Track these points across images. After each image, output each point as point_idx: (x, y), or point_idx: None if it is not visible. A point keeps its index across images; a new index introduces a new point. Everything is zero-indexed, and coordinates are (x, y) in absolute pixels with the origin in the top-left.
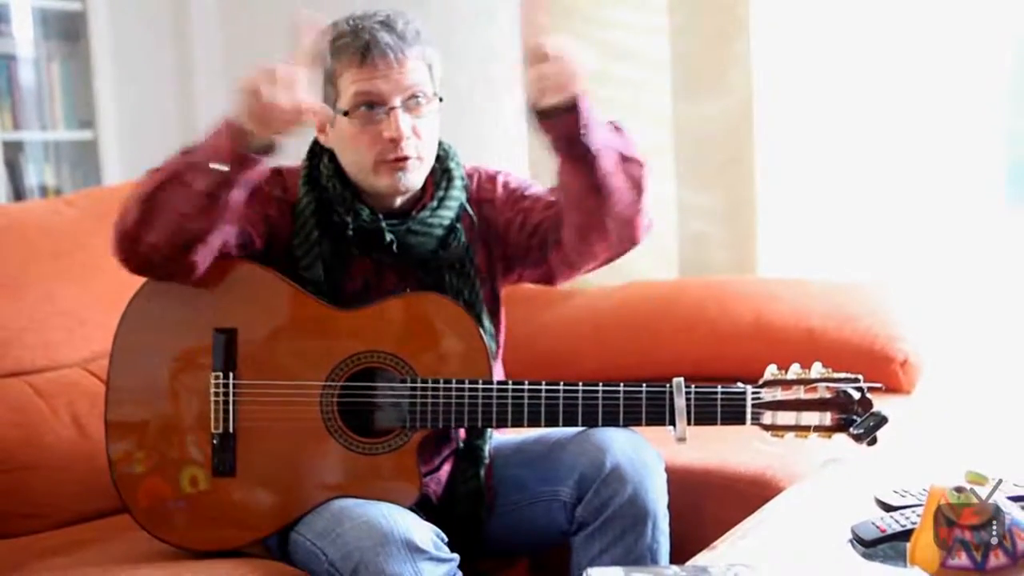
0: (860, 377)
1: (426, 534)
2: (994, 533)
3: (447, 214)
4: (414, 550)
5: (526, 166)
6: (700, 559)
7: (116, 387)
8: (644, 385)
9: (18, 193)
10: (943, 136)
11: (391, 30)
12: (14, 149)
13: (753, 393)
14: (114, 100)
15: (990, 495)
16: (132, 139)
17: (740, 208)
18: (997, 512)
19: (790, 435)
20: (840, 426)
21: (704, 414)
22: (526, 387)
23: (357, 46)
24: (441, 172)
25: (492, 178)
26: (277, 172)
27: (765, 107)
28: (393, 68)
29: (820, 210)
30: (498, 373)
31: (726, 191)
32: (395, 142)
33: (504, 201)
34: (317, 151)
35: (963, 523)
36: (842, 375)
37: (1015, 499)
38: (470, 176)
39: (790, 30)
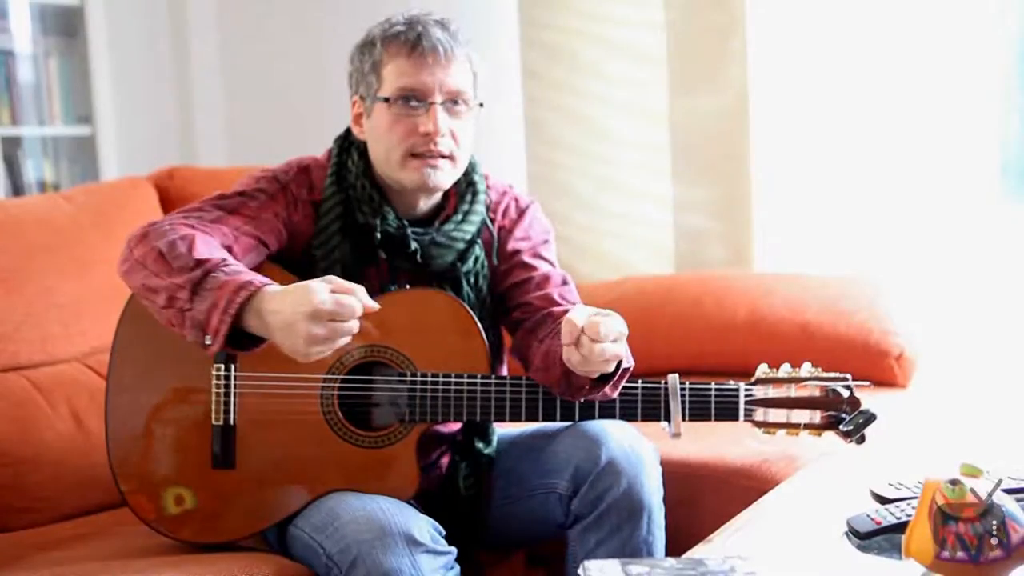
0: (848, 376)
1: (424, 527)
2: (989, 526)
3: (470, 228)
4: (412, 543)
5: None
6: (696, 551)
7: (116, 384)
8: (640, 381)
9: (16, 189)
10: (937, 132)
11: (445, 29)
12: (12, 145)
13: (746, 391)
14: (112, 96)
15: (991, 493)
16: (130, 134)
17: (736, 203)
18: (992, 505)
19: (781, 432)
20: (829, 424)
21: (698, 411)
22: (524, 382)
23: (410, 36)
24: (466, 185)
25: (521, 212)
26: (304, 169)
27: (760, 103)
28: (440, 64)
29: (815, 205)
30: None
31: (722, 186)
32: (429, 137)
33: (519, 249)
34: (346, 145)
35: (958, 515)
36: (831, 374)
37: (1010, 491)
38: (501, 195)
39: (785, 26)
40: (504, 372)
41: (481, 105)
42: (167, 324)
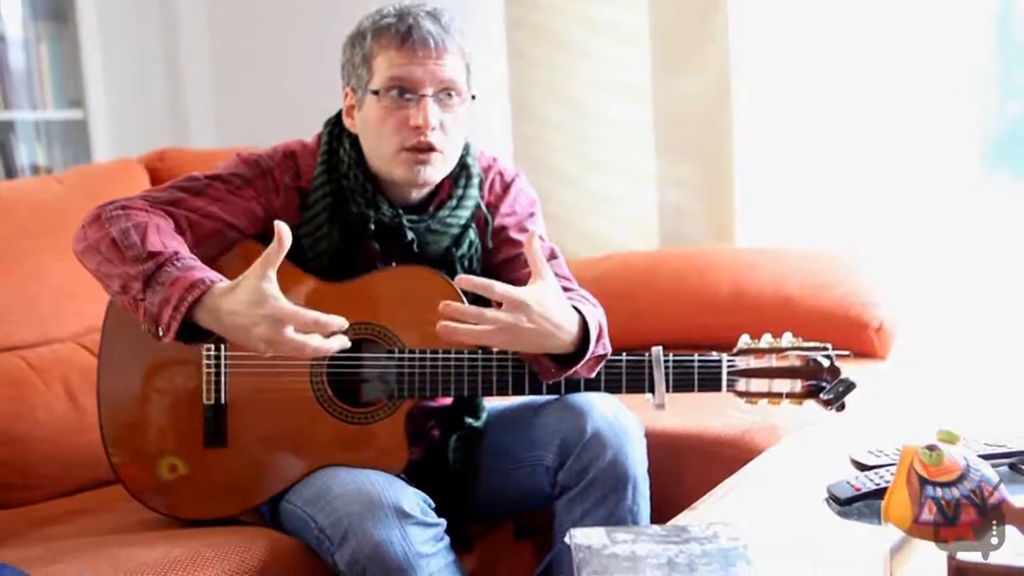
0: (829, 345)
1: (414, 500)
2: (965, 489)
3: (464, 213)
4: (402, 516)
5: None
6: (680, 519)
7: (106, 361)
8: (624, 354)
9: (10, 172)
10: (917, 109)
11: (436, 21)
12: (5, 129)
13: (728, 361)
14: (102, 79)
15: (996, 487)
16: (121, 118)
17: (718, 180)
18: (967, 469)
19: (763, 401)
20: (810, 392)
21: (682, 382)
22: (510, 356)
23: (400, 28)
24: (460, 168)
25: (506, 187)
26: (290, 155)
27: (742, 80)
28: (431, 57)
29: (797, 181)
30: None
31: (705, 163)
32: (420, 130)
33: (505, 226)
34: (337, 133)
35: (935, 480)
36: (811, 343)
37: (986, 457)
38: (486, 170)
39: (767, 4)
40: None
41: (473, 97)
42: (123, 308)
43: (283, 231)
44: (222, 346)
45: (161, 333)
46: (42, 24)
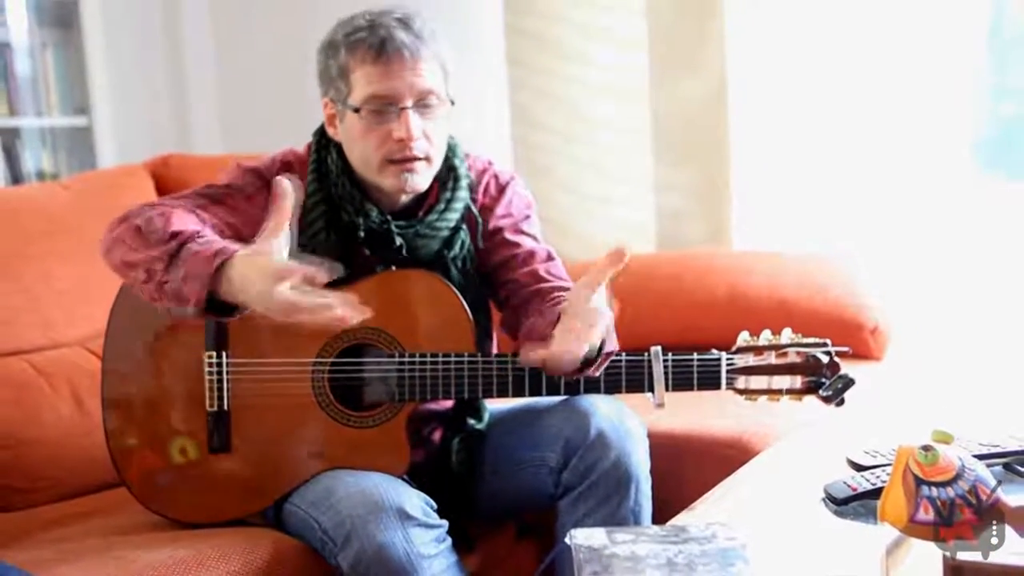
0: (828, 341)
1: (416, 502)
2: (960, 489)
3: (453, 216)
4: (404, 517)
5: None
6: (679, 519)
7: (111, 364)
8: (624, 354)
9: (16, 179)
10: (910, 111)
11: (408, 28)
12: (11, 136)
13: (727, 359)
14: (107, 86)
15: (994, 490)
16: (126, 124)
17: (715, 183)
18: (962, 469)
19: (763, 398)
20: (810, 389)
21: (681, 380)
22: (510, 358)
23: (372, 42)
24: (447, 171)
25: (502, 189)
26: (287, 165)
27: (739, 85)
28: (407, 68)
29: (793, 184)
30: None
31: (702, 167)
32: (404, 143)
33: (500, 227)
34: (324, 143)
35: (930, 480)
36: (811, 340)
37: (980, 457)
38: (481, 173)
39: (764, 9)
40: (494, 348)
41: (452, 103)
42: (149, 299)
43: (283, 185)
44: (223, 353)
45: (189, 310)
46: (47, 31)
